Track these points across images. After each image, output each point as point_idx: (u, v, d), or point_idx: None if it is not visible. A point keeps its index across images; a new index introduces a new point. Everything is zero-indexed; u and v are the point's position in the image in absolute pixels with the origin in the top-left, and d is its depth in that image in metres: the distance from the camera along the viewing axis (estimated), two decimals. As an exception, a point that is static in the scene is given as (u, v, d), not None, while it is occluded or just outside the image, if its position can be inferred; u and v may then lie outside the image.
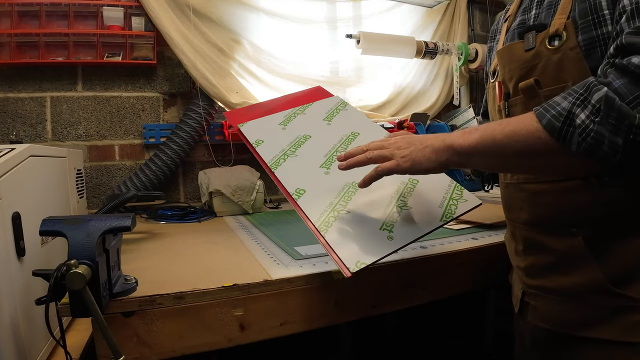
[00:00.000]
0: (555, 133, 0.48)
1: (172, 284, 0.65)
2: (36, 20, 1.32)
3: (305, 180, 0.77)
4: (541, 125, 0.49)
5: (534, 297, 0.67)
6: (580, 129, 0.46)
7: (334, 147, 0.86)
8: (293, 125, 0.94)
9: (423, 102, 1.95)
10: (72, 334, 0.73)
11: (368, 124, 0.94)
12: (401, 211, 0.71)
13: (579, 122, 0.47)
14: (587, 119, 0.46)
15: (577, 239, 0.59)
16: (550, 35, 0.58)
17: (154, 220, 1.26)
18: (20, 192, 0.63)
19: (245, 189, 1.31)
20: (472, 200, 0.73)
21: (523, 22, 0.66)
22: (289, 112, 0.99)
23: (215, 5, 1.50)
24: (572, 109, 0.48)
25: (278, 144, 0.87)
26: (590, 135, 0.46)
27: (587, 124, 0.46)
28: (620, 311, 0.56)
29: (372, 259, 0.62)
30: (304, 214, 0.70)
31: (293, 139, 0.88)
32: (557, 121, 0.48)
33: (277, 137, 0.89)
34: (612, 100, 0.45)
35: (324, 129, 0.93)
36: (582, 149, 0.47)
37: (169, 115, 1.54)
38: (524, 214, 0.67)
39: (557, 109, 0.49)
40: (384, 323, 1.40)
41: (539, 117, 0.50)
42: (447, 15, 1.95)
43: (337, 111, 0.98)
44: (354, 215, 0.70)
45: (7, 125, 1.34)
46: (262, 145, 0.86)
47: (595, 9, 0.53)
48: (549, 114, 0.49)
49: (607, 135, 0.45)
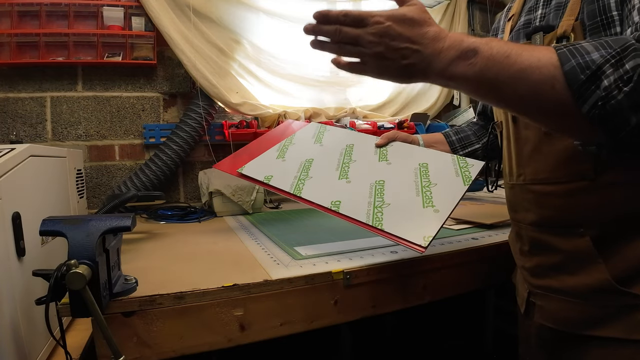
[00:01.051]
0: (574, 85, 0.42)
1: (172, 284, 0.65)
2: (36, 20, 1.32)
3: (334, 193, 0.82)
4: (561, 72, 0.43)
5: (540, 297, 0.67)
6: (602, 94, 0.41)
7: (340, 162, 0.90)
8: (290, 155, 0.97)
9: (423, 102, 1.95)
10: (72, 334, 0.73)
11: (356, 135, 1.00)
12: (430, 189, 0.78)
13: (604, 86, 0.41)
14: (615, 83, 0.41)
15: (584, 239, 0.59)
16: (558, 37, 0.58)
17: (154, 220, 1.26)
18: (20, 192, 0.63)
19: (245, 189, 1.32)
20: (477, 163, 0.81)
21: (529, 22, 0.66)
22: (279, 146, 1.03)
23: (215, 5, 1.50)
24: (603, 66, 0.41)
25: (288, 174, 0.90)
26: (610, 102, 0.41)
27: (613, 89, 0.41)
28: (626, 309, 0.56)
29: (434, 230, 0.69)
30: (351, 218, 0.75)
31: (299, 166, 0.91)
32: (582, 73, 0.42)
33: (282, 168, 0.92)
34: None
35: (320, 151, 0.97)
36: (593, 114, 0.42)
37: (169, 115, 1.54)
38: (531, 215, 0.67)
39: (586, 58, 0.42)
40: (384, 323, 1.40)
41: (562, 59, 0.43)
42: (447, 15, 1.95)
43: (321, 134, 1.04)
44: (395, 205, 0.76)
45: (7, 125, 1.34)
46: (273, 179, 0.89)
47: (604, 10, 0.53)
48: (575, 60, 0.42)
49: (626, 109, 0.41)
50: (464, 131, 1.00)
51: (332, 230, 1.03)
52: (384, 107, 1.88)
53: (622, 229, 0.57)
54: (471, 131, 0.99)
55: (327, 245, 0.87)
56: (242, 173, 0.93)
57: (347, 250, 0.83)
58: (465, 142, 0.98)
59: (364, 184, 0.82)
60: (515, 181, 0.70)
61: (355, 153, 0.92)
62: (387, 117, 1.84)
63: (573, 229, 0.60)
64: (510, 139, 0.71)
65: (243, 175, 0.93)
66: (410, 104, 1.93)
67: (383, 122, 1.74)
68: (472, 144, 0.98)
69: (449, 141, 0.98)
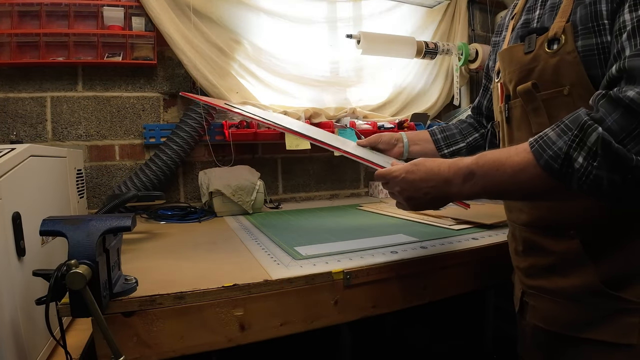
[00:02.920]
0: (555, 174, 0.49)
1: (172, 284, 0.65)
2: (36, 20, 1.32)
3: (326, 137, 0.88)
4: (540, 168, 0.50)
5: (533, 297, 0.67)
6: (580, 173, 0.47)
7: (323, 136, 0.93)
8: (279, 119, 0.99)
9: (423, 102, 1.95)
10: (72, 334, 0.73)
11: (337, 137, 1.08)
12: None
13: (578, 167, 0.47)
14: (585, 161, 0.47)
15: (575, 241, 0.59)
16: (549, 39, 0.58)
17: (154, 220, 1.26)
18: (20, 192, 0.63)
19: (245, 189, 1.32)
20: None
21: (527, 22, 0.66)
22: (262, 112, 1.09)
23: (216, 5, 1.50)
24: (569, 152, 0.48)
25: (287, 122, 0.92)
26: (590, 177, 0.46)
27: (586, 166, 0.47)
28: (615, 313, 0.56)
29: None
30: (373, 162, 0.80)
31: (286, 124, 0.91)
32: (556, 163, 0.49)
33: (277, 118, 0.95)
34: (608, 144, 0.45)
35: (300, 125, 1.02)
36: (582, 189, 0.48)
37: (169, 115, 1.54)
38: (524, 215, 0.68)
39: (554, 148, 0.49)
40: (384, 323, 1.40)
41: (536, 156, 0.51)
42: (448, 15, 1.95)
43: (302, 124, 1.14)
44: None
45: (7, 125, 1.34)
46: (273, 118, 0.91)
47: (596, 16, 0.53)
48: (546, 154, 0.50)
49: (605, 176, 0.46)
50: (450, 129, 1.00)
51: (332, 230, 1.03)
52: (384, 107, 1.88)
53: (612, 233, 0.57)
54: (457, 129, 1.00)
55: (327, 245, 0.87)
56: (230, 105, 0.98)
57: (347, 250, 0.83)
58: (451, 141, 0.98)
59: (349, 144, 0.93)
60: None
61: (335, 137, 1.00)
62: (387, 117, 1.84)
63: (563, 231, 0.61)
64: (505, 140, 0.72)
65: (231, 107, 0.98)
66: (410, 104, 1.93)
67: (383, 122, 1.74)
68: (457, 143, 0.98)
69: (435, 139, 0.99)
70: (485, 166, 0.57)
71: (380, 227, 1.05)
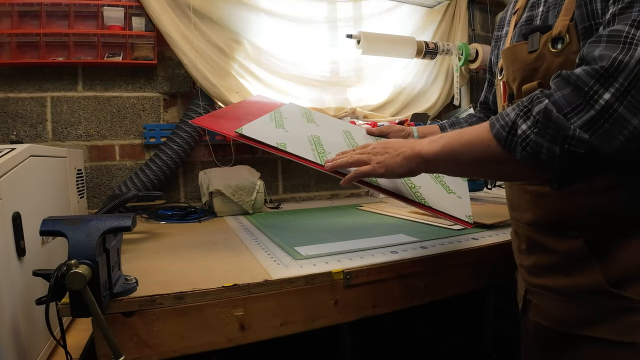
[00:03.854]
0: (502, 141, 0.52)
1: (172, 284, 0.65)
2: (36, 20, 1.32)
3: None
4: (492, 134, 0.53)
5: (537, 296, 0.67)
6: (521, 138, 0.50)
7: (347, 144, 0.91)
8: (290, 128, 0.94)
9: (423, 102, 1.95)
10: (72, 334, 0.73)
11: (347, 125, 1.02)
12: (442, 180, 0.91)
13: (520, 132, 0.50)
14: (528, 129, 0.49)
15: (579, 240, 0.59)
16: (553, 38, 0.58)
17: (154, 220, 1.26)
18: (20, 192, 0.63)
19: (245, 189, 1.32)
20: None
21: (530, 19, 0.66)
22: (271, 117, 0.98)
23: (216, 5, 1.50)
24: (516, 120, 0.51)
25: (302, 145, 0.84)
26: (530, 144, 0.49)
27: (528, 134, 0.49)
28: (619, 312, 0.56)
29: (470, 211, 0.83)
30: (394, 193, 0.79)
31: (307, 139, 0.88)
32: (504, 130, 0.52)
33: (291, 139, 0.86)
34: (549, 112, 0.47)
35: (320, 130, 0.96)
36: (522, 156, 0.50)
37: (170, 115, 1.54)
38: (528, 214, 0.67)
39: (506, 119, 0.52)
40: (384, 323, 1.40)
41: (491, 126, 0.54)
42: (448, 15, 1.95)
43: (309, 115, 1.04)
44: (426, 189, 0.83)
45: (7, 125, 1.34)
46: (289, 147, 0.81)
47: (592, 15, 0.53)
48: (499, 123, 0.53)
49: (545, 145, 0.48)
50: (460, 123, 1.00)
51: (332, 230, 1.03)
52: (384, 107, 1.88)
53: (616, 232, 0.57)
54: (467, 123, 0.99)
55: (327, 245, 0.87)
56: (241, 134, 0.83)
57: (347, 250, 0.83)
58: None
59: None
60: None
61: (357, 139, 0.95)
62: (387, 117, 1.84)
63: (567, 231, 0.61)
64: None
65: (242, 137, 0.83)
66: (410, 104, 1.93)
67: (383, 122, 1.74)
68: None
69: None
70: (452, 132, 0.62)
71: (380, 227, 1.05)
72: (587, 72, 0.47)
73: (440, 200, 0.81)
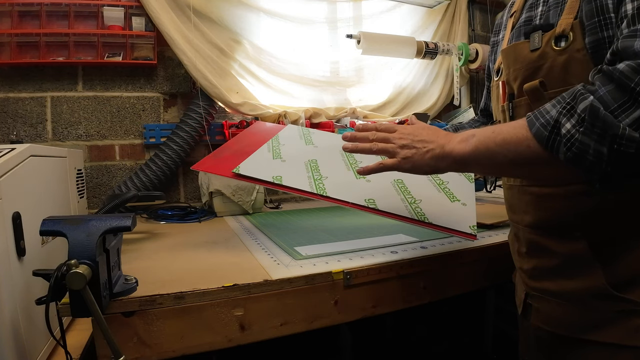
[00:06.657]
0: (543, 141, 0.49)
1: (172, 284, 0.65)
2: (37, 20, 1.32)
3: (362, 191, 0.84)
4: (531, 134, 0.50)
5: (537, 300, 0.66)
6: (566, 138, 0.47)
7: (346, 162, 0.92)
8: (287, 156, 0.95)
9: (423, 102, 1.95)
10: (72, 334, 0.73)
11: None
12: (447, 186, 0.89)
13: (565, 132, 0.47)
14: (573, 128, 0.46)
15: (581, 242, 0.58)
16: (556, 36, 0.57)
17: (154, 220, 1.26)
18: (20, 192, 0.63)
19: (245, 189, 1.32)
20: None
21: (529, 19, 0.65)
22: (268, 147, 0.99)
23: (216, 5, 1.50)
24: (559, 118, 0.48)
25: (298, 174, 0.87)
26: (575, 144, 0.46)
27: (573, 133, 0.46)
28: (623, 315, 0.55)
29: (474, 220, 0.79)
30: (393, 214, 0.79)
31: (304, 166, 0.90)
32: (545, 130, 0.49)
33: (287, 169, 0.89)
34: (596, 110, 0.45)
35: (317, 152, 0.96)
36: (567, 158, 0.47)
37: (170, 115, 1.54)
38: (528, 216, 0.66)
39: (547, 117, 0.49)
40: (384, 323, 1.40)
41: (530, 124, 0.51)
42: (448, 15, 1.95)
43: (307, 136, 1.05)
44: (427, 201, 0.82)
45: (7, 125, 1.34)
46: (285, 180, 0.84)
47: (602, 10, 0.52)
48: (539, 122, 0.50)
49: (592, 145, 0.45)
50: (464, 127, 0.99)
51: (332, 230, 1.03)
52: (384, 107, 1.88)
53: (619, 234, 0.56)
54: (471, 128, 0.99)
55: (327, 245, 0.87)
56: (238, 173, 0.87)
57: (347, 250, 0.83)
58: None
59: (385, 183, 0.85)
60: (513, 182, 0.70)
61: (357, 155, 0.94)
62: (387, 117, 1.84)
63: (570, 233, 0.60)
64: None
65: (240, 176, 0.87)
66: (410, 104, 1.93)
67: (383, 122, 1.74)
68: None
69: None
70: (485, 130, 0.58)
71: (380, 227, 1.05)
72: (631, 68, 0.44)
73: (443, 213, 0.79)
